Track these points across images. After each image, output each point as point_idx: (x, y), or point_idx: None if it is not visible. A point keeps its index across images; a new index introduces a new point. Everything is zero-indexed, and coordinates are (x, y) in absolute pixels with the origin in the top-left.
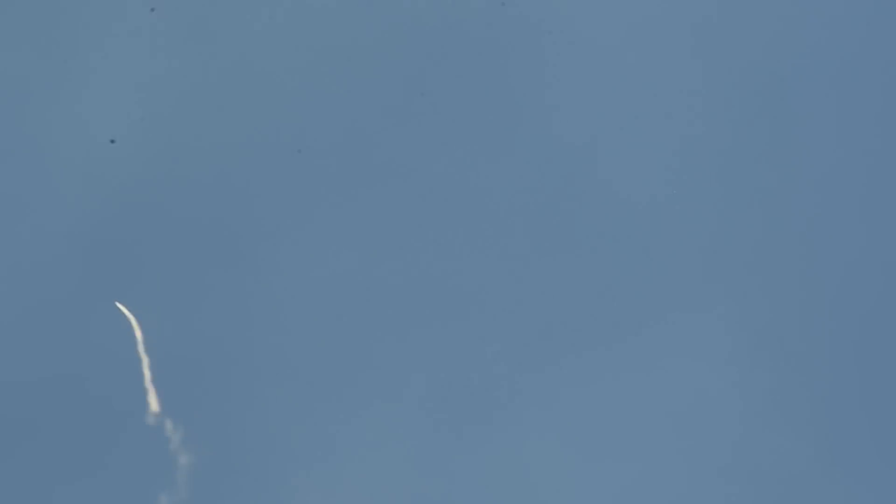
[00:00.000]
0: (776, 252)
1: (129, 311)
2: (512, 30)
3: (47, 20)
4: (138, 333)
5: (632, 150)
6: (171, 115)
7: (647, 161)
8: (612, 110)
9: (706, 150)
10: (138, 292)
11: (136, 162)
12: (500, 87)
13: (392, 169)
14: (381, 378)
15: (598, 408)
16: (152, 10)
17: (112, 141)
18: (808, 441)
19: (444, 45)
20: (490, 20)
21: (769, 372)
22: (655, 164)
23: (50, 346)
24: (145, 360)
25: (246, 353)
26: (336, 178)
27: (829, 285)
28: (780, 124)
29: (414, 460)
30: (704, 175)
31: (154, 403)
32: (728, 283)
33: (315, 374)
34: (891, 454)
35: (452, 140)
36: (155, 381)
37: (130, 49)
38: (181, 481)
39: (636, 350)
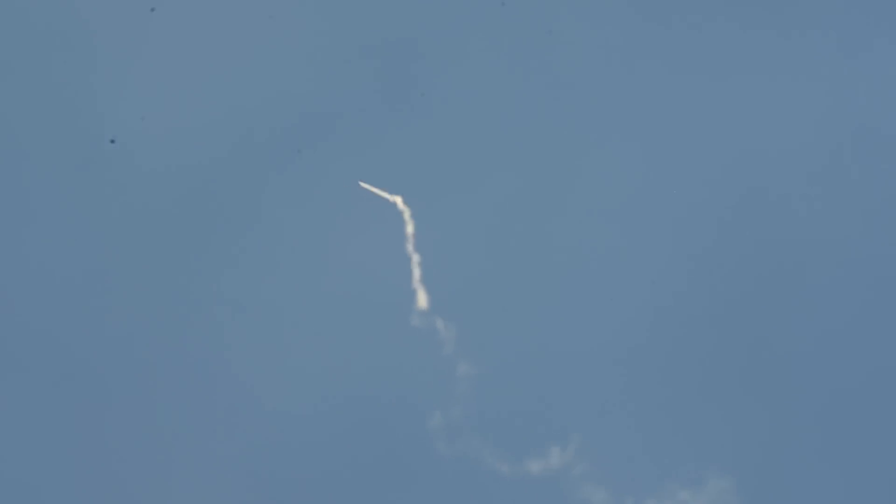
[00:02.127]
0: None
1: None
2: (512, 30)
3: (47, 20)
4: (409, 228)
5: (632, 150)
6: (171, 115)
7: (647, 161)
8: (612, 110)
9: (706, 152)
10: (128, 295)
11: (136, 162)
12: (499, 87)
13: (392, 168)
14: None
15: None
16: (152, 10)
17: (112, 141)
18: None
19: (445, 45)
20: (490, 20)
21: None
22: (655, 165)
23: None
24: (415, 258)
25: None
26: (336, 178)
27: None
28: None
29: None
30: (704, 174)
31: (423, 301)
32: None
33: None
34: None
35: (452, 140)
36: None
37: (130, 49)
38: (458, 394)
39: None
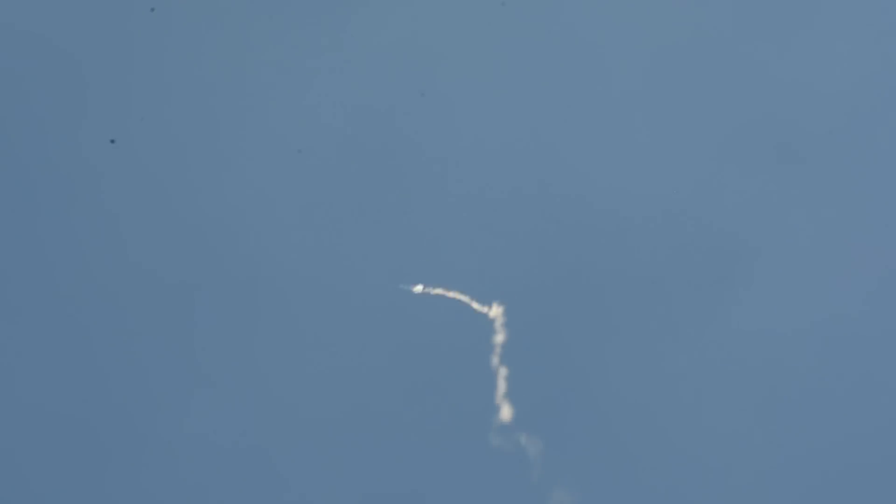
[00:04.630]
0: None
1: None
2: (512, 30)
3: (47, 20)
4: (500, 337)
5: (632, 150)
6: (171, 115)
7: (646, 162)
8: (612, 110)
9: (706, 153)
10: (140, 297)
11: (136, 162)
12: (499, 87)
13: (392, 169)
14: None
15: None
16: (152, 10)
17: (112, 141)
18: None
19: (444, 44)
20: (490, 20)
21: None
22: (654, 166)
23: None
24: (502, 371)
25: None
26: (336, 178)
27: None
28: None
29: None
30: (705, 178)
31: (507, 415)
32: None
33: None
34: None
35: (452, 140)
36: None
37: (130, 49)
38: None
39: None
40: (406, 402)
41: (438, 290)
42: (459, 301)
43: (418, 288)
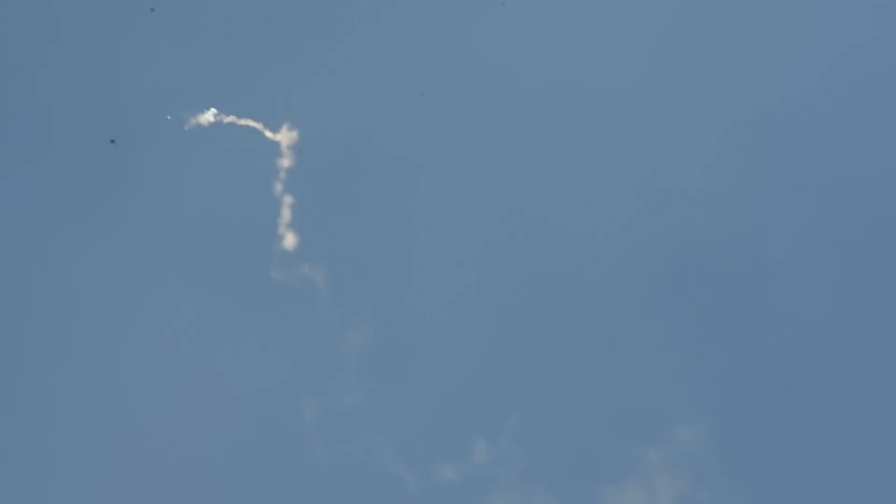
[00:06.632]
0: None
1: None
2: (512, 30)
3: (47, 20)
4: (286, 162)
5: (631, 149)
6: (172, 115)
7: (646, 162)
8: (612, 110)
9: (702, 157)
10: (133, 306)
11: (136, 162)
12: (499, 87)
13: (392, 169)
14: None
15: None
16: (152, 10)
17: (112, 141)
18: None
19: (445, 45)
20: (490, 20)
21: None
22: (653, 163)
23: None
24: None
25: None
26: (336, 178)
27: None
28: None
29: None
30: (702, 182)
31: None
32: None
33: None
34: None
35: (452, 141)
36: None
37: (130, 49)
38: (342, 375)
39: None
40: (184, 233)
41: (231, 118)
42: (251, 128)
43: (209, 116)
